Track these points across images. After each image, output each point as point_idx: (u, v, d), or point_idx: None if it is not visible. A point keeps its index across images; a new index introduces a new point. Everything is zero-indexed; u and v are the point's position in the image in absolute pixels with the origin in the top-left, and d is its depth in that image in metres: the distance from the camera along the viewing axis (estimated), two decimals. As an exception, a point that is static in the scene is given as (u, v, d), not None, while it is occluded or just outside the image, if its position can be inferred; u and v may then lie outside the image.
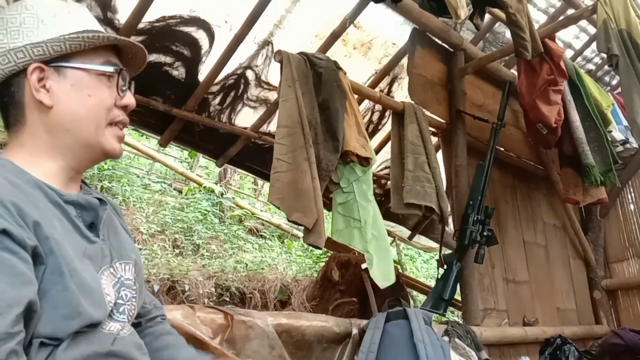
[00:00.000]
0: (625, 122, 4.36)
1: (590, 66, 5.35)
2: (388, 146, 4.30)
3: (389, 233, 5.90)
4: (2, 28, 1.20)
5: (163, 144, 4.19)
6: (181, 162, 8.90)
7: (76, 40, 1.20)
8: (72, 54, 1.22)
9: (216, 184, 8.10)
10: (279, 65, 3.01)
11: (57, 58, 1.21)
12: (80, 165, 1.27)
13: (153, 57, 3.59)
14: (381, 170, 5.24)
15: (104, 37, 1.24)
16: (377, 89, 4.32)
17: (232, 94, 4.08)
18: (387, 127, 4.80)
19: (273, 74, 4.01)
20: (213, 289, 5.22)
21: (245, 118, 4.25)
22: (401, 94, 4.56)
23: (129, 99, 1.31)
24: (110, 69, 1.27)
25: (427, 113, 3.83)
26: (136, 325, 1.41)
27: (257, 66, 4.02)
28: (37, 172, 1.18)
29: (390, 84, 4.66)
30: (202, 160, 8.63)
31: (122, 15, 3.28)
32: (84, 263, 1.15)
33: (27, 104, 1.21)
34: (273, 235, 7.77)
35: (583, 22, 4.38)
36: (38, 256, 1.06)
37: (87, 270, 1.14)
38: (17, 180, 1.12)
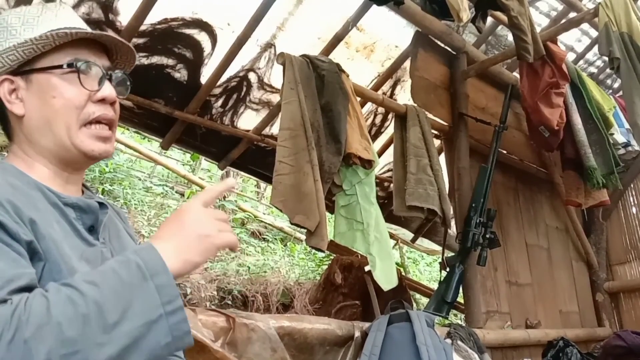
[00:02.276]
0: (627, 125, 4.36)
1: (592, 69, 5.36)
2: (391, 149, 4.29)
3: (392, 236, 5.90)
4: None
5: (165, 146, 4.19)
6: (183, 164, 8.90)
7: (25, 46, 1.18)
8: (38, 57, 1.20)
9: (218, 186, 8.08)
10: (281, 67, 3.02)
11: (22, 65, 1.20)
12: (69, 167, 1.25)
13: (155, 59, 3.59)
14: (384, 173, 5.25)
15: (58, 37, 1.19)
16: (379, 92, 4.33)
17: (235, 96, 4.08)
18: (389, 130, 4.80)
19: (275, 76, 4.01)
20: (215, 292, 5.22)
21: (248, 120, 4.25)
22: (404, 96, 4.56)
23: (105, 90, 1.24)
24: (69, 67, 1.21)
25: (430, 116, 3.83)
26: None
27: (259, 69, 4.02)
28: (36, 176, 1.18)
29: (393, 87, 4.67)
30: (205, 163, 8.63)
31: (124, 18, 3.29)
32: (82, 265, 1.13)
33: (9, 116, 1.23)
34: (276, 238, 7.76)
35: (585, 26, 4.39)
36: (35, 252, 1.04)
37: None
38: (18, 182, 1.12)
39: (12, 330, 0.81)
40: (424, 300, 6.18)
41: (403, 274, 6.24)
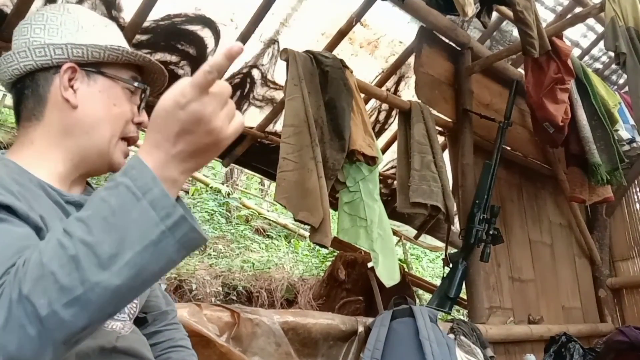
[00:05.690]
0: (631, 121, 4.35)
1: (598, 65, 5.34)
2: (394, 145, 4.30)
3: (395, 232, 5.90)
4: (40, 23, 1.23)
5: (169, 143, 4.18)
6: (187, 161, 8.89)
7: (115, 52, 1.22)
8: (104, 63, 1.24)
9: (223, 184, 8.10)
10: (285, 64, 3.02)
11: (90, 63, 1.22)
12: (86, 170, 1.27)
13: (158, 56, 3.58)
14: (387, 169, 5.24)
15: (141, 56, 1.27)
16: (383, 88, 4.31)
17: (238, 93, 4.08)
18: (393, 126, 4.80)
19: (279, 73, 4.00)
20: (220, 288, 5.24)
21: (252, 117, 4.24)
22: (408, 92, 4.56)
23: (145, 116, 1.31)
24: (138, 85, 1.29)
25: (434, 112, 3.83)
26: (142, 320, 1.40)
27: (263, 65, 4.01)
28: (41, 171, 1.17)
29: (397, 83, 4.66)
30: (209, 159, 8.62)
31: (127, 14, 3.27)
32: None
33: (50, 100, 1.20)
34: (280, 235, 7.77)
35: (590, 21, 4.38)
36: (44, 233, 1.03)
37: None
38: (21, 180, 1.11)
39: (16, 289, 0.79)
40: (427, 296, 6.18)
41: (406, 270, 6.25)
